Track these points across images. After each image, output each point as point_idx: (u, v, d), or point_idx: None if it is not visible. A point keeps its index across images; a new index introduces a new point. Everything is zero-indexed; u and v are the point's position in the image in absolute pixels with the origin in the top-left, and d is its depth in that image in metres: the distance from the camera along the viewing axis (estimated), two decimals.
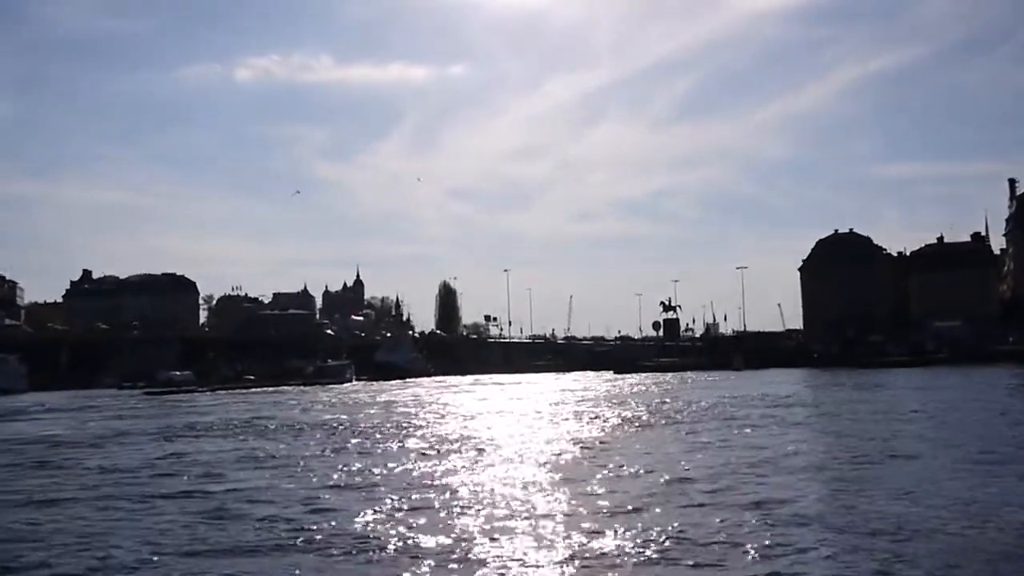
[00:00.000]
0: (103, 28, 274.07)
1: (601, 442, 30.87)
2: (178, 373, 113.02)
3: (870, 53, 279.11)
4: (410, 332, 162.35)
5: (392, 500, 19.22)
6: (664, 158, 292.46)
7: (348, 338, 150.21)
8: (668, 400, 57.39)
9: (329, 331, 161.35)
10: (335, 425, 42.41)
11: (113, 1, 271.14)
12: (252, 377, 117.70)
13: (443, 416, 47.23)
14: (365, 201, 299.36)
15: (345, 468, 25.24)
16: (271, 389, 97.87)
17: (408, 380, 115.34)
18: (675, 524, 15.64)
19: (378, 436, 35.90)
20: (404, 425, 41.20)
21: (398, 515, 17.40)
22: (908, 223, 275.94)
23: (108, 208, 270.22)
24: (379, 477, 23.27)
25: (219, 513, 18.17)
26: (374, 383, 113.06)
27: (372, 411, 54.36)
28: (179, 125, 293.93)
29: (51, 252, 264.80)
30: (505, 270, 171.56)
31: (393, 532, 15.76)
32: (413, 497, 19.55)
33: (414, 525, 16.30)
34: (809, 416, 40.88)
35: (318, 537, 15.51)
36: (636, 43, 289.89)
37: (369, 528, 16.28)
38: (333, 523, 16.71)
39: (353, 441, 33.77)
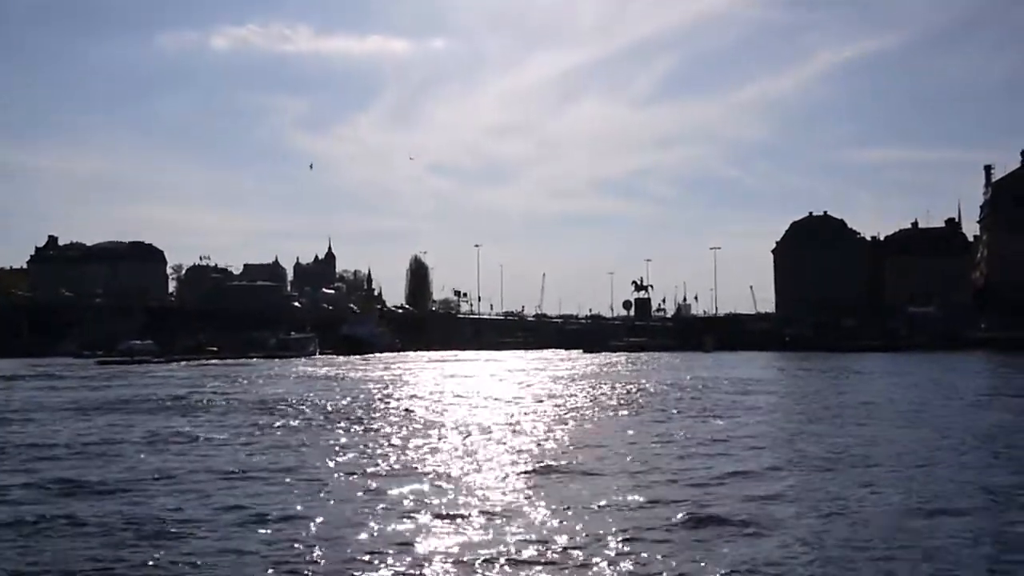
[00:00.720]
0: None
1: (547, 439, 27.78)
2: (139, 342, 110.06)
3: (849, 38, 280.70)
4: (378, 307, 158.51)
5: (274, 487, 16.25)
6: (644, 137, 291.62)
7: (316, 311, 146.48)
8: (634, 382, 54.40)
9: (297, 303, 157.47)
10: (271, 402, 39.21)
11: None
12: (215, 348, 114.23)
13: (382, 396, 44.02)
14: (342, 174, 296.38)
15: (251, 452, 22.22)
16: (231, 361, 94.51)
17: (372, 355, 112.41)
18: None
19: (306, 415, 32.82)
20: (337, 404, 38.01)
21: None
22: (882, 209, 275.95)
23: (82, 176, 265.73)
24: (274, 463, 20.18)
25: None
26: (339, 357, 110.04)
27: (318, 386, 51.25)
28: (155, 93, 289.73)
29: (23, 219, 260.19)
30: (476, 245, 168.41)
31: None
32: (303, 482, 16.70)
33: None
34: (774, 406, 37.96)
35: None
36: (618, 22, 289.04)
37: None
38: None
39: (278, 423, 30.55)
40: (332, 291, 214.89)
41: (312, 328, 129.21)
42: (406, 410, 35.02)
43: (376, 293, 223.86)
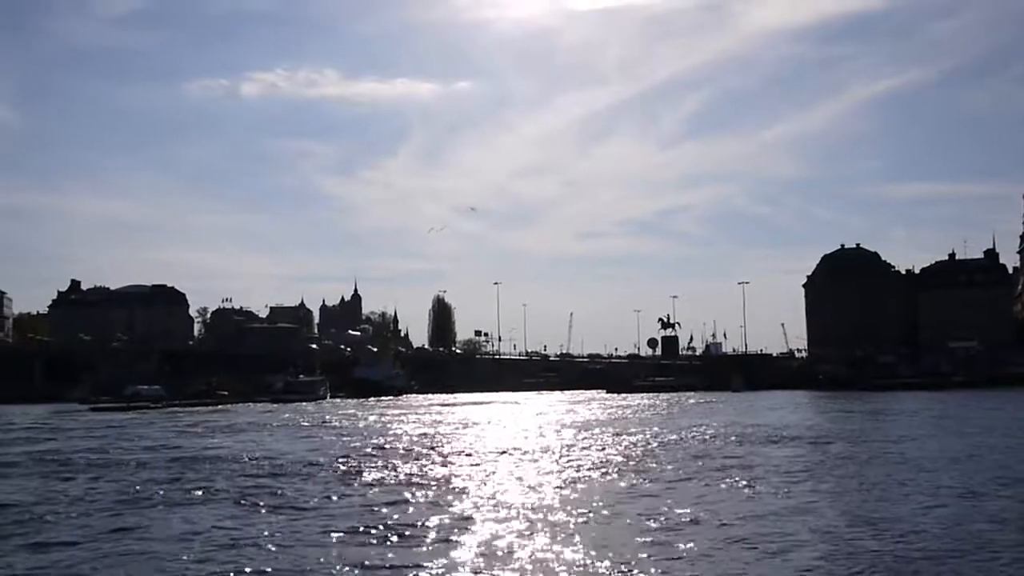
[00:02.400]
0: (110, 41, 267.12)
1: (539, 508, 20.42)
2: (145, 387, 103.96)
3: (880, 73, 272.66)
4: (401, 348, 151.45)
5: None
6: (672, 176, 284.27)
7: (333, 353, 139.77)
8: (653, 431, 46.81)
9: (313, 345, 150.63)
10: (186, 460, 32.18)
11: (120, 14, 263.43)
12: (225, 392, 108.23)
13: (369, 450, 36.78)
14: (370, 217, 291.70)
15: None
16: (229, 407, 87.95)
17: (385, 398, 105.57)
18: None
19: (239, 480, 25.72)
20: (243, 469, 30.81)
21: None
22: (916, 243, 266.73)
23: (111, 220, 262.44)
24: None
25: None
26: (348, 400, 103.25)
27: (276, 438, 44.06)
28: (184, 138, 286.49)
29: (52, 263, 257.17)
30: (495, 283, 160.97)
31: None
32: None
33: None
34: (815, 462, 30.31)
35: None
36: (644, 62, 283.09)
37: None
38: None
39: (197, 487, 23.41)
40: (358, 333, 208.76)
41: (329, 371, 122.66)
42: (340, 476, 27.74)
43: (403, 334, 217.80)
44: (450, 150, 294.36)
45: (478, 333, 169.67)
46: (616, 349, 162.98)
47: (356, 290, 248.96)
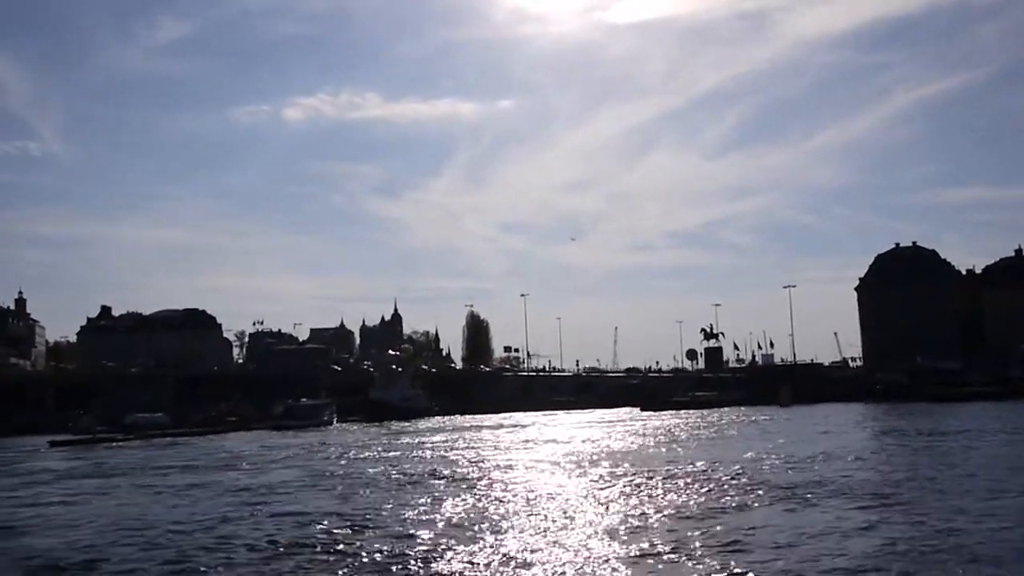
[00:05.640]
0: (154, 70, 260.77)
1: None
2: (145, 416, 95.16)
3: (925, 77, 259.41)
4: (424, 367, 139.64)
5: None
6: (717, 188, 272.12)
7: (361, 374, 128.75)
8: (679, 469, 34.52)
9: (336, 367, 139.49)
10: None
11: (164, 43, 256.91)
12: (234, 419, 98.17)
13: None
14: (417, 237, 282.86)
15: None
16: (218, 436, 77.04)
17: (401, 421, 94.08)
18: None
19: None
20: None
21: None
22: (971, 248, 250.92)
23: (161, 247, 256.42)
24: None
25: None
26: (356, 426, 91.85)
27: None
28: (230, 164, 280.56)
29: (103, 292, 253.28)
30: (522, 295, 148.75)
31: None
32: None
33: None
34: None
35: None
36: (687, 73, 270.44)
37: None
38: None
39: None
40: (397, 353, 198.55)
41: (349, 393, 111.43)
42: None
43: (444, 353, 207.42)
44: (494, 168, 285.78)
45: (507, 349, 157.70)
46: (656, 362, 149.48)
47: (396, 309, 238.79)
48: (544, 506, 24.85)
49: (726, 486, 27.84)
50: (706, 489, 27.27)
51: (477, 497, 27.26)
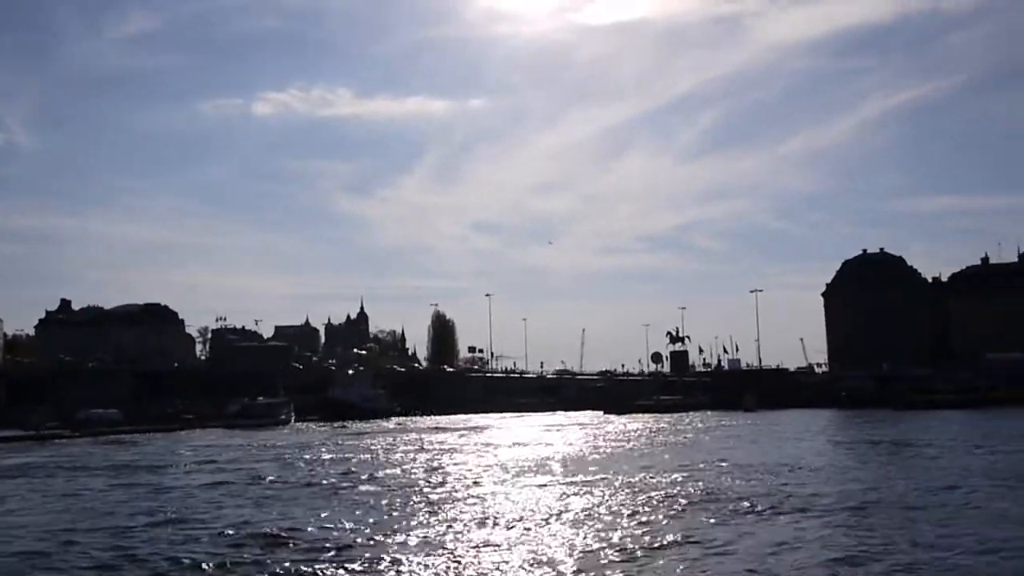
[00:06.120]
0: (123, 62, 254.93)
1: None
2: (99, 411, 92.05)
3: (897, 85, 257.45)
4: (388, 366, 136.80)
5: None
6: (690, 191, 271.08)
7: (312, 373, 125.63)
8: (627, 479, 32.19)
9: (296, 364, 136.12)
10: None
11: (133, 34, 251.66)
12: (190, 416, 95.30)
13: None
14: (387, 235, 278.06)
15: None
16: (170, 434, 74.11)
17: (360, 421, 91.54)
18: None
19: None
20: None
21: None
22: (938, 256, 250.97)
23: (129, 241, 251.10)
24: None
25: None
26: (314, 424, 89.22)
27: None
28: (199, 158, 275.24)
29: (69, 285, 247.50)
30: (487, 295, 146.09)
31: None
32: None
33: None
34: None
35: None
36: (661, 76, 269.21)
37: None
38: None
39: None
40: (364, 352, 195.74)
41: (308, 392, 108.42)
42: None
43: (411, 353, 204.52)
44: (466, 167, 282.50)
45: (472, 350, 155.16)
46: (623, 365, 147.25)
47: (362, 308, 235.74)
48: (468, 517, 22.38)
49: (671, 498, 25.51)
50: (652, 502, 24.91)
51: (397, 507, 24.76)
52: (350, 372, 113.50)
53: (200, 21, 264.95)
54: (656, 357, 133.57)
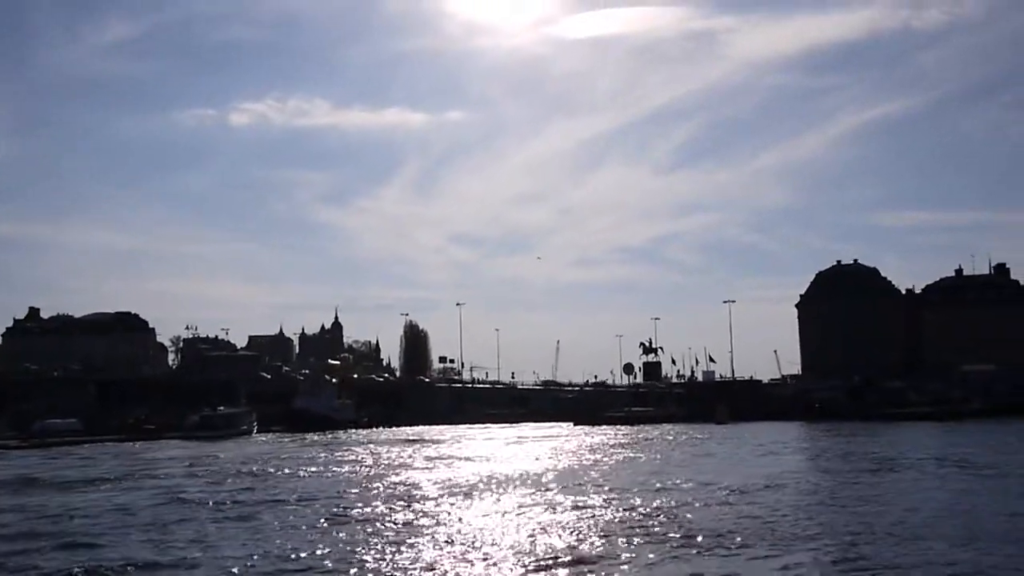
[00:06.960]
0: (100, 70, 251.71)
1: None
2: (58, 421, 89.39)
3: (869, 101, 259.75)
4: (357, 376, 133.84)
5: None
6: (665, 204, 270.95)
7: (280, 383, 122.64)
8: (585, 500, 29.62)
9: (264, 374, 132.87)
10: None
11: (110, 42, 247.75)
12: (152, 427, 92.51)
13: None
14: (364, 246, 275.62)
15: None
16: (126, 444, 71.02)
17: (325, 432, 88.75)
18: None
19: None
20: None
21: None
22: (910, 271, 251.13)
23: (102, 249, 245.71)
24: None
25: None
26: (280, 435, 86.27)
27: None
28: (173, 168, 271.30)
29: (43, 293, 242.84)
30: (458, 304, 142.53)
31: None
32: None
33: None
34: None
35: None
36: (636, 89, 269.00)
37: None
38: None
39: None
40: (337, 362, 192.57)
41: (274, 401, 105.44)
42: None
43: (385, 363, 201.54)
44: (443, 179, 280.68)
45: (443, 360, 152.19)
46: (595, 376, 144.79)
47: (337, 318, 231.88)
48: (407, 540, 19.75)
49: (624, 523, 22.97)
50: (605, 527, 22.38)
51: (292, 536, 22.06)
52: (327, 378, 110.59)
53: (178, 29, 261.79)
54: (628, 368, 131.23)
